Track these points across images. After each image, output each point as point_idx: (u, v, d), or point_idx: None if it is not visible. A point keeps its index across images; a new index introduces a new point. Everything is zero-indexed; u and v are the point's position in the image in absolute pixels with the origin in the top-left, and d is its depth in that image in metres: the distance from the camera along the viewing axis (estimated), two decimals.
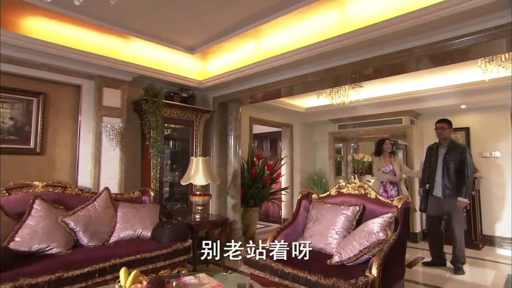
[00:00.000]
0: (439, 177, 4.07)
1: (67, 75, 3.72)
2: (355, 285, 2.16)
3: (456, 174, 3.95)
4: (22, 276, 2.27)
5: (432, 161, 4.20)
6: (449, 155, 4.02)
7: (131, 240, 3.27)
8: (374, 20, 2.86)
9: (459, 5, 2.40)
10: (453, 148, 4.04)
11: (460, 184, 3.91)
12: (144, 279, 1.70)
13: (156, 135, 4.09)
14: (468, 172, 3.88)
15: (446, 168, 4.00)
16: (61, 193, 3.35)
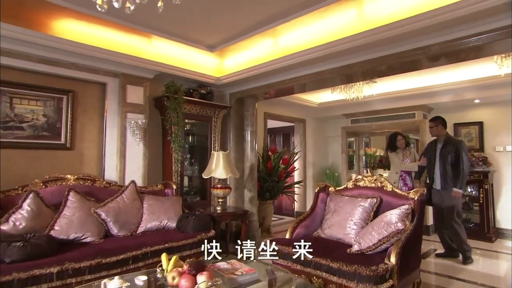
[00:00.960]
0: (437, 170, 4.30)
1: (94, 74, 3.88)
2: (376, 271, 2.29)
3: (452, 167, 4.16)
4: (67, 261, 2.46)
5: (431, 156, 4.43)
6: (445, 149, 4.24)
7: (157, 230, 3.45)
8: (391, 19, 2.95)
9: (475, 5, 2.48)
10: (449, 143, 4.25)
11: (456, 176, 4.12)
12: (184, 264, 1.86)
13: (177, 130, 4.24)
14: (463, 165, 4.08)
15: (443, 162, 4.23)
16: (91, 186, 3.54)
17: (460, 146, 4.17)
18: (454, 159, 4.15)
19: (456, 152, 4.14)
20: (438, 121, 4.34)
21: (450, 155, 4.17)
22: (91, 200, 3.31)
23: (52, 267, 2.39)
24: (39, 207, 2.91)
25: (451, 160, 4.17)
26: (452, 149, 4.18)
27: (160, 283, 1.85)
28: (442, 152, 4.26)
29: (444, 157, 4.22)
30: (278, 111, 6.54)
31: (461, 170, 4.09)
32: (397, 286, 2.46)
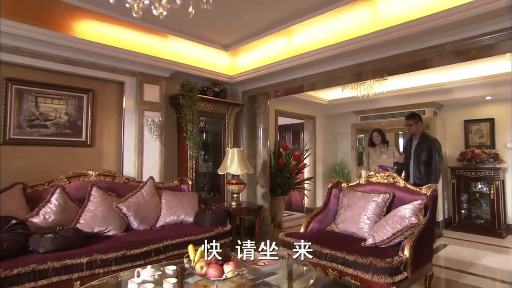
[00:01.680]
0: (412, 167, 4.38)
1: (112, 73, 4.00)
2: (391, 263, 2.38)
3: (425, 165, 4.22)
4: (95, 252, 2.59)
5: (407, 153, 4.52)
6: (419, 147, 4.30)
7: (175, 224, 3.57)
8: (404, 18, 3.01)
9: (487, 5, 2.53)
10: (424, 141, 4.31)
11: (428, 175, 4.18)
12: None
13: (192, 127, 4.35)
14: (434, 164, 4.18)
15: (417, 159, 4.30)
16: (111, 181, 3.67)
17: (433, 145, 4.23)
18: (427, 157, 4.21)
19: (429, 150, 4.20)
20: (417, 119, 4.38)
21: (423, 153, 4.23)
22: (112, 195, 3.44)
23: (82, 258, 2.52)
24: (65, 202, 3.05)
25: (424, 158, 4.22)
26: (426, 147, 4.24)
27: (188, 272, 1.96)
28: (417, 149, 4.33)
29: (418, 155, 4.29)
30: (288, 108, 6.62)
31: (433, 169, 4.15)
32: (411, 278, 2.55)
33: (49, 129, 3.60)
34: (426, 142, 4.28)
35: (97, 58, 3.74)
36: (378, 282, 2.43)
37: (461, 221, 5.61)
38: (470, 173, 5.53)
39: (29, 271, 2.29)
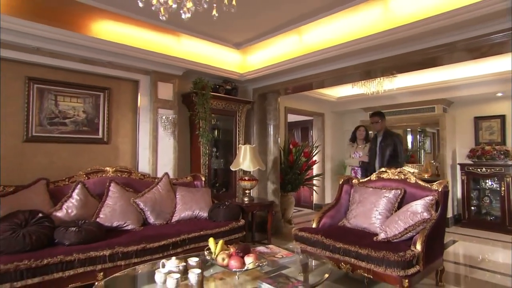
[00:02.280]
0: (377, 162, 4.45)
1: (127, 71, 4.10)
2: (404, 257, 2.45)
3: (390, 158, 4.30)
4: (116, 245, 2.70)
5: (372, 151, 4.59)
6: (384, 143, 4.40)
7: (190, 219, 3.67)
8: (416, 17, 3.04)
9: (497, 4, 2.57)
10: (387, 136, 4.42)
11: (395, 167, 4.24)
12: (231, 247, 2.06)
13: (205, 125, 4.44)
14: (400, 156, 4.31)
15: (382, 154, 4.39)
16: (128, 177, 3.78)
17: (397, 140, 4.36)
18: (392, 152, 4.31)
19: (394, 145, 4.31)
20: (382, 116, 4.52)
21: (388, 148, 4.33)
22: (129, 190, 3.54)
23: (105, 250, 2.63)
24: (86, 197, 3.17)
25: (389, 154, 4.32)
26: (391, 142, 4.34)
27: (209, 264, 2.05)
28: (382, 146, 4.41)
29: (383, 150, 4.37)
30: (297, 106, 6.67)
31: (397, 160, 4.25)
32: (423, 272, 2.61)
33: (68, 126, 3.72)
34: (390, 138, 4.39)
35: (113, 57, 3.83)
36: (391, 275, 2.51)
37: (470, 218, 5.63)
38: (480, 170, 5.54)
39: (57, 262, 2.40)
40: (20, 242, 2.40)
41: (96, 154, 3.93)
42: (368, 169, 4.60)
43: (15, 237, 2.40)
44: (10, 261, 2.23)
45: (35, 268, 2.30)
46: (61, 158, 3.66)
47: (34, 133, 3.47)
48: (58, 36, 3.31)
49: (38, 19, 3.19)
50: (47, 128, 3.56)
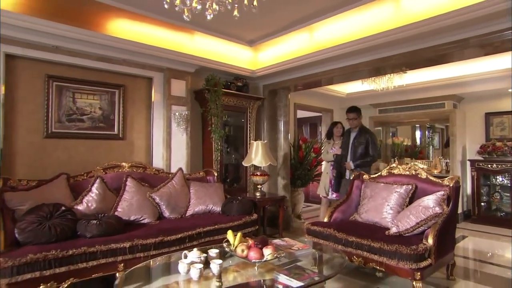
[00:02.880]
0: (349, 157, 4.45)
1: (142, 69, 4.18)
2: (416, 250, 2.50)
3: (362, 156, 4.30)
4: (135, 238, 2.80)
5: (345, 146, 4.56)
6: (357, 140, 4.37)
7: (204, 213, 3.76)
8: (429, 13, 3.06)
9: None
10: (362, 133, 4.39)
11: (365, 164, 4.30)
12: (249, 239, 2.13)
13: (217, 121, 4.51)
14: (370, 151, 4.29)
15: (355, 150, 4.36)
16: (143, 172, 3.88)
17: (371, 138, 4.34)
18: (365, 149, 4.30)
19: (367, 143, 4.29)
20: (359, 113, 4.48)
21: (361, 146, 4.31)
22: (145, 185, 3.64)
23: (125, 242, 2.73)
24: (104, 191, 3.27)
25: (361, 151, 4.30)
26: (364, 140, 4.32)
27: (228, 255, 2.13)
28: (355, 142, 4.39)
29: (356, 147, 4.35)
30: (306, 102, 6.71)
31: (369, 155, 4.27)
32: (434, 265, 2.66)
33: (85, 123, 3.81)
34: (364, 135, 4.37)
35: (128, 55, 3.91)
36: (403, 268, 2.57)
37: (480, 214, 5.65)
38: (490, 166, 5.54)
39: (81, 253, 2.51)
40: (46, 233, 2.51)
41: (112, 150, 4.03)
42: (340, 162, 4.60)
43: (41, 229, 2.51)
44: (38, 251, 2.34)
45: (61, 258, 2.41)
46: (79, 153, 3.76)
47: (53, 130, 3.57)
48: (76, 35, 3.40)
49: (57, 18, 3.28)
50: (66, 125, 3.67)
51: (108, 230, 2.78)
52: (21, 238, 2.48)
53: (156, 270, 2.18)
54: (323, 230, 3.17)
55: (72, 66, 3.67)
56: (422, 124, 7.41)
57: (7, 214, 2.62)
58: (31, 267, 2.28)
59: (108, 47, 3.69)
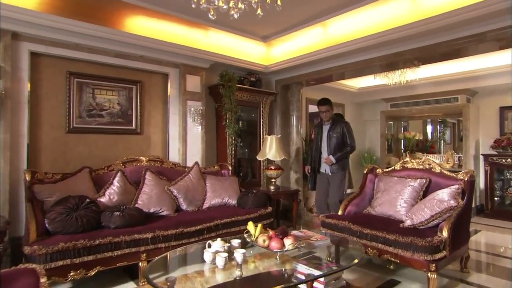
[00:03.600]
0: (325, 153, 4.25)
1: (158, 65, 4.28)
2: (431, 242, 2.55)
3: (339, 148, 4.14)
4: (157, 229, 2.91)
5: (317, 139, 4.37)
6: (332, 131, 4.20)
7: (220, 206, 3.86)
8: (445, 7, 3.06)
9: None
10: (335, 124, 4.23)
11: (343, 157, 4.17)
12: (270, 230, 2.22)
13: (231, 116, 4.59)
14: (348, 141, 4.15)
15: (330, 144, 4.19)
16: (160, 166, 3.98)
17: (346, 126, 4.20)
18: (341, 140, 4.15)
19: (343, 132, 4.15)
20: (331, 104, 4.28)
21: (337, 137, 4.15)
22: (163, 179, 3.74)
23: (147, 233, 2.85)
24: (125, 184, 3.38)
25: (338, 141, 4.15)
26: (340, 130, 4.17)
27: (249, 245, 2.22)
28: (329, 134, 4.21)
29: (331, 139, 4.18)
30: (318, 96, 6.62)
31: (347, 146, 4.14)
32: (449, 257, 2.71)
33: (104, 118, 3.93)
34: (339, 125, 4.21)
35: (145, 51, 4.00)
36: (418, 260, 2.62)
37: (494, 208, 5.64)
38: (504, 160, 5.51)
39: (107, 243, 2.63)
40: (74, 224, 2.63)
41: (130, 144, 4.14)
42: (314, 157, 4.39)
43: (69, 220, 2.63)
44: (68, 240, 2.46)
45: (89, 247, 2.53)
46: (99, 148, 3.88)
47: (75, 125, 3.69)
48: (96, 32, 3.50)
49: (78, 16, 3.38)
50: (86, 120, 3.79)
51: (131, 222, 2.89)
52: (51, 228, 2.61)
53: (181, 259, 2.27)
54: (338, 223, 3.23)
55: (92, 63, 3.78)
56: (433, 119, 7.38)
57: (37, 205, 2.75)
58: (62, 254, 2.41)
59: (126, 43, 3.78)
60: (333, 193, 4.16)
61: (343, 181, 4.23)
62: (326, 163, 4.20)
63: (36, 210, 2.69)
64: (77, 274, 2.49)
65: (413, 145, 7.58)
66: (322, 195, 4.29)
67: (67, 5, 3.36)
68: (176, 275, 1.78)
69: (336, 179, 4.18)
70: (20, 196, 3.20)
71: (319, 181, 4.35)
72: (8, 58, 3.10)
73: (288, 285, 1.88)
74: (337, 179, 4.19)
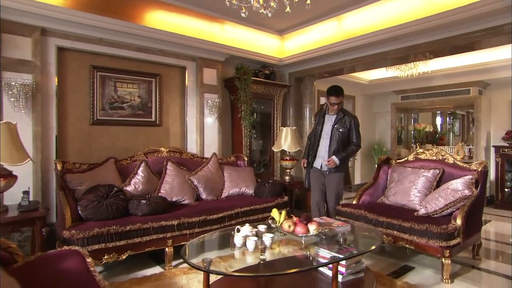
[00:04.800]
0: (323, 148, 3.64)
1: (176, 58, 4.39)
2: (446, 229, 2.66)
3: (342, 144, 3.57)
4: (182, 216, 3.06)
5: (317, 129, 3.71)
6: (338, 124, 3.57)
7: (237, 195, 3.99)
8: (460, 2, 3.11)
9: None
10: (342, 116, 3.59)
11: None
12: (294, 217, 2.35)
13: (246, 108, 4.70)
14: (355, 138, 3.57)
15: (333, 139, 3.57)
16: (179, 157, 4.11)
17: (354, 120, 3.61)
18: (346, 136, 3.58)
19: (350, 127, 3.57)
20: (343, 95, 3.60)
21: (343, 132, 3.55)
22: (183, 169, 3.88)
23: (173, 220, 2.99)
24: (148, 174, 3.53)
25: (343, 138, 3.56)
26: (347, 123, 3.57)
27: (274, 230, 2.35)
28: (335, 127, 3.59)
29: (335, 134, 3.56)
30: None
31: (352, 144, 3.58)
32: (462, 244, 2.82)
33: (125, 110, 4.06)
34: (347, 118, 3.59)
35: (164, 45, 4.12)
36: (433, 246, 2.74)
37: (504, 199, 5.71)
38: None
39: (136, 229, 2.78)
40: (105, 211, 2.79)
41: (150, 136, 4.28)
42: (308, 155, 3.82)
43: (100, 207, 2.79)
44: (102, 226, 2.62)
45: (121, 233, 2.69)
46: (121, 139, 4.03)
47: (98, 117, 3.83)
48: (118, 27, 3.62)
49: (101, 11, 3.49)
50: (109, 112, 3.93)
51: (157, 209, 3.04)
52: (84, 215, 2.77)
53: (210, 244, 2.41)
54: (353, 211, 3.35)
55: (113, 57, 3.90)
56: (443, 111, 7.41)
57: (68, 193, 2.90)
58: (97, 239, 2.57)
59: (146, 38, 3.89)
60: (331, 197, 3.67)
61: (341, 182, 3.70)
62: (328, 166, 3.57)
63: (68, 198, 2.85)
64: (110, 257, 2.65)
65: (423, 137, 7.64)
66: (319, 194, 3.73)
67: (91, 1, 3.47)
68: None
69: (333, 180, 3.64)
70: (50, 185, 3.38)
71: (313, 178, 3.76)
72: (38, 53, 3.23)
73: (317, 266, 2.00)
74: (334, 180, 3.64)
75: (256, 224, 2.40)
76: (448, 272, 2.73)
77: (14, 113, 3.06)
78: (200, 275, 2.71)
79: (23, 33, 3.13)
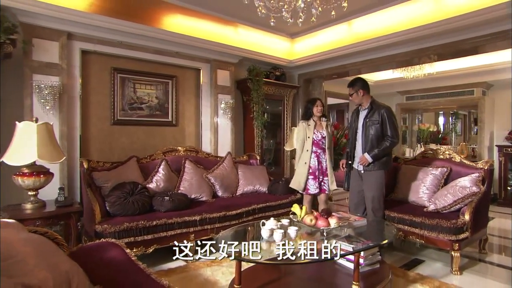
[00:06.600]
0: (359, 146, 3.38)
1: (191, 60, 4.54)
2: (455, 224, 2.82)
3: (377, 140, 3.23)
4: (203, 212, 3.21)
5: (352, 127, 3.51)
6: (369, 118, 3.29)
7: (252, 193, 4.14)
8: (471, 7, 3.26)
9: None
10: (373, 109, 3.27)
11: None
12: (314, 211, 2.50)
13: (258, 109, 4.85)
14: (389, 132, 3.20)
15: (366, 135, 3.29)
16: (196, 156, 4.26)
17: (386, 112, 3.22)
18: (381, 131, 3.22)
19: (382, 119, 3.21)
20: (357, 86, 3.27)
21: (375, 126, 3.23)
22: (200, 167, 4.03)
23: (195, 216, 3.15)
24: (168, 172, 3.68)
25: (375, 132, 3.22)
26: (378, 117, 3.23)
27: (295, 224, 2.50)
28: (366, 122, 3.30)
29: (367, 129, 3.27)
30: (335, 89, 6.94)
31: (386, 140, 3.20)
32: (470, 238, 2.98)
33: (144, 111, 4.22)
34: (378, 111, 3.24)
35: (180, 48, 4.27)
36: (443, 240, 2.90)
37: (507, 197, 5.86)
38: None
39: (162, 224, 2.94)
40: (131, 207, 2.94)
41: (167, 135, 4.44)
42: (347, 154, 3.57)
43: (127, 203, 2.94)
44: (130, 221, 2.77)
45: (148, 228, 2.85)
46: (139, 139, 4.18)
47: (118, 117, 3.99)
48: (138, 30, 3.77)
49: (122, 16, 3.64)
50: (128, 113, 4.08)
51: (180, 205, 3.20)
52: (112, 210, 2.92)
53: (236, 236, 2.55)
54: None
55: (132, 59, 4.05)
56: (446, 111, 7.56)
57: (96, 190, 3.06)
58: (127, 233, 2.72)
59: (164, 40, 4.04)
60: (367, 199, 3.30)
61: (380, 181, 3.27)
62: (361, 164, 3.31)
63: (96, 194, 3.00)
64: (138, 250, 2.81)
65: (426, 136, 7.80)
66: (356, 196, 3.45)
67: (113, 6, 3.62)
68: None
69: (369, 180, 3.29)
70: (76, 182, 3.53)
71: (352, 179, 3.54)
72: (64, 57, 3.38)
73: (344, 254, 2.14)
74: (370, 180, 3.29)
75: (280, 218, 2.55)
76: (457, 264, 2.89)
77: (43, 113, 3.21)
78: (223, 267, 2.90)
79: (51, 37, 3.28)
